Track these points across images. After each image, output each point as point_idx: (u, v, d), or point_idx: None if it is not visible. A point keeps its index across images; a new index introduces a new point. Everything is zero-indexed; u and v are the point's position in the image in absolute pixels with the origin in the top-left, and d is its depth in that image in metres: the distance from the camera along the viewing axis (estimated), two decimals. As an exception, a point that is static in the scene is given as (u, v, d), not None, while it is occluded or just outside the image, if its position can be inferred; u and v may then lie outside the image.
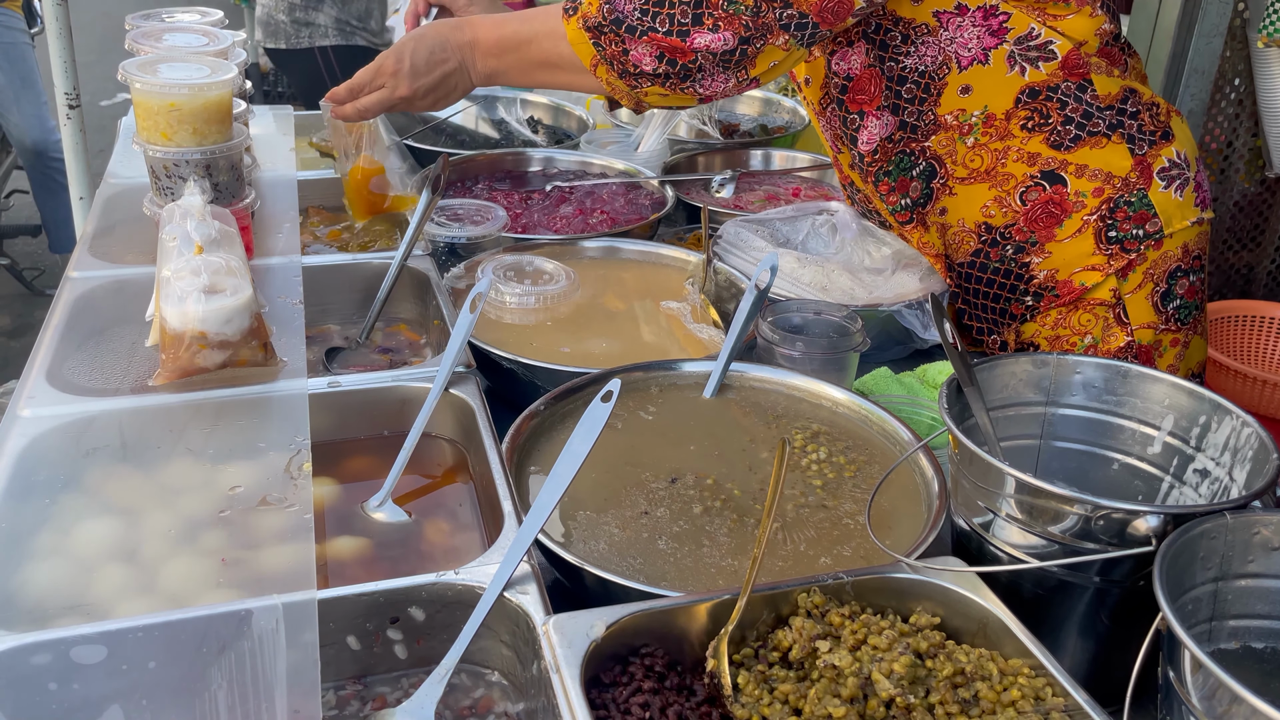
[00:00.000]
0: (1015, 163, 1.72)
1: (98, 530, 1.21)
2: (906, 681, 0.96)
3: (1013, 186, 1.73)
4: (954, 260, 1.83)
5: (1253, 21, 3.02)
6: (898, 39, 1.70)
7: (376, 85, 1.80)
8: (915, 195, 1.80)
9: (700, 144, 2.60)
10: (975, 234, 1.78)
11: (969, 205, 1.77)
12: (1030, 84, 1.68)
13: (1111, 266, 1.72)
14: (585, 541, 1.21)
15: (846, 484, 1.32)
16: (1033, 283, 1.77)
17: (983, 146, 1.73)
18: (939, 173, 1.77)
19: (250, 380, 1.42)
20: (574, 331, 1.68)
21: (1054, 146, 1.70)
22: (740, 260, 1.87)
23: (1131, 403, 1.25)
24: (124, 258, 1.75)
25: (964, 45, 1.67)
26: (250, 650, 1.01)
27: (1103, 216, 1.71)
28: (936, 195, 1.79)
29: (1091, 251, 1.72)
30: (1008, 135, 1.71)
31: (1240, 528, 1.01)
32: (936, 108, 1.72)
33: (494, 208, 1.99)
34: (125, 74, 1.62)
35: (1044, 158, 1.71)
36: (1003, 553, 1.12)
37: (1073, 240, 1.72)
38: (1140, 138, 1.71)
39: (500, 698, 1.09)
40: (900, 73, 1.72)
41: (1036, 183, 1.72)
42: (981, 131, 1.72)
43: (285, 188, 1.99)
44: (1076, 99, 1.68)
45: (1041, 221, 1.73)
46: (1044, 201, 1.72)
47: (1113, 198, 1.71)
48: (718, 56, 1.57)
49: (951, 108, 1.72)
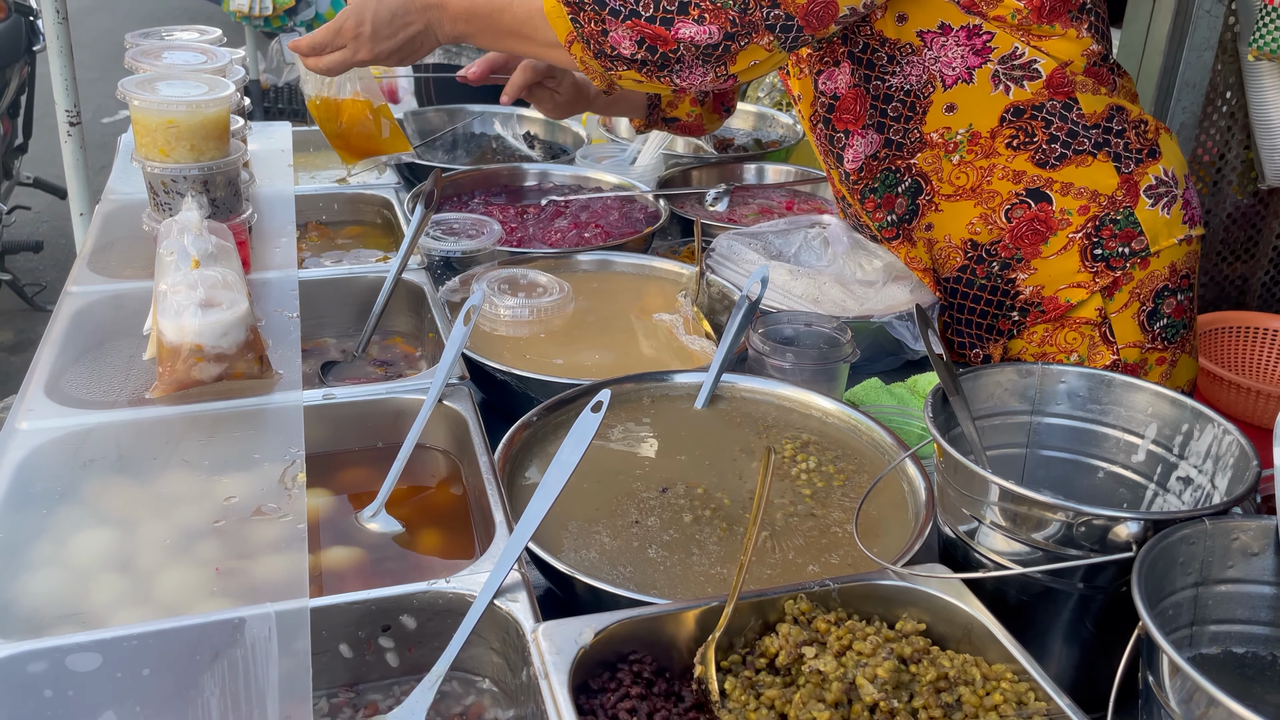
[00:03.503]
0: (1000, 180, 1.74)
1: (94, 540, 1.23)
2: (890, 686, 0.97)
3: (998, 204, 1.75)
4: (941, 275, 1.85)
5: (1243, 35, 3.05)
6: (883, 59, 1.72)
7: (337, 45, 1.77)
8: (901, 211, 1.82)
9: (695, 158, 2.62)
10: (962, 250, 1.80)
11: (955, 222, 1.79)
12: (1015, 103, 1.69)
13: (1097, 284, 1.73)
14: (576, 550, 1.22)
15: (835, 493, 1.33)
16: (1019, 299, 1.79)
17: (968, 164, 1.74)
18: (925, 189, 1.79)
19: (246, 393, 1.44)
20: (567, 344, 1.70)
21: (1039, 165, 1.71)
22: (733, 273, 1.89)
23: (1115, 411, 1.27)
24: (122, 272, 1.77)
25: (948, 64, 1.68)
26: (243, 658, 1.02)
27: (1088, 234, 1.72)
28: (922, 211, 1.81)
29: (1077, 269, 1.73)
30: (993, 153, 1.73)
31: (1219, 533, 1.02)
32: (922, 126, 1.74)
33: (489, 222, 2.01)
34: (124, 91, 1.65)
35: (1029, 175, 1.72)
36: (988, 560, 1.13)
37: (1058, 257, 1.74)
38: (1127, 156, 1.72)
39: (491, 705, 1.10)
40: (886, 91, 1.74)
41: (1022, 200, 1.73)
42: (967, 149, 1.73)
43: (283, 203, 2.01)
44: (1062, 117, 1.70)
45: (1027, 239, 1.74)
46: (1029, 219, 1.73)
47: (1098, 215, 1.72)
48: (700, 49, 1.56)
49: (937, 126, 1.73)
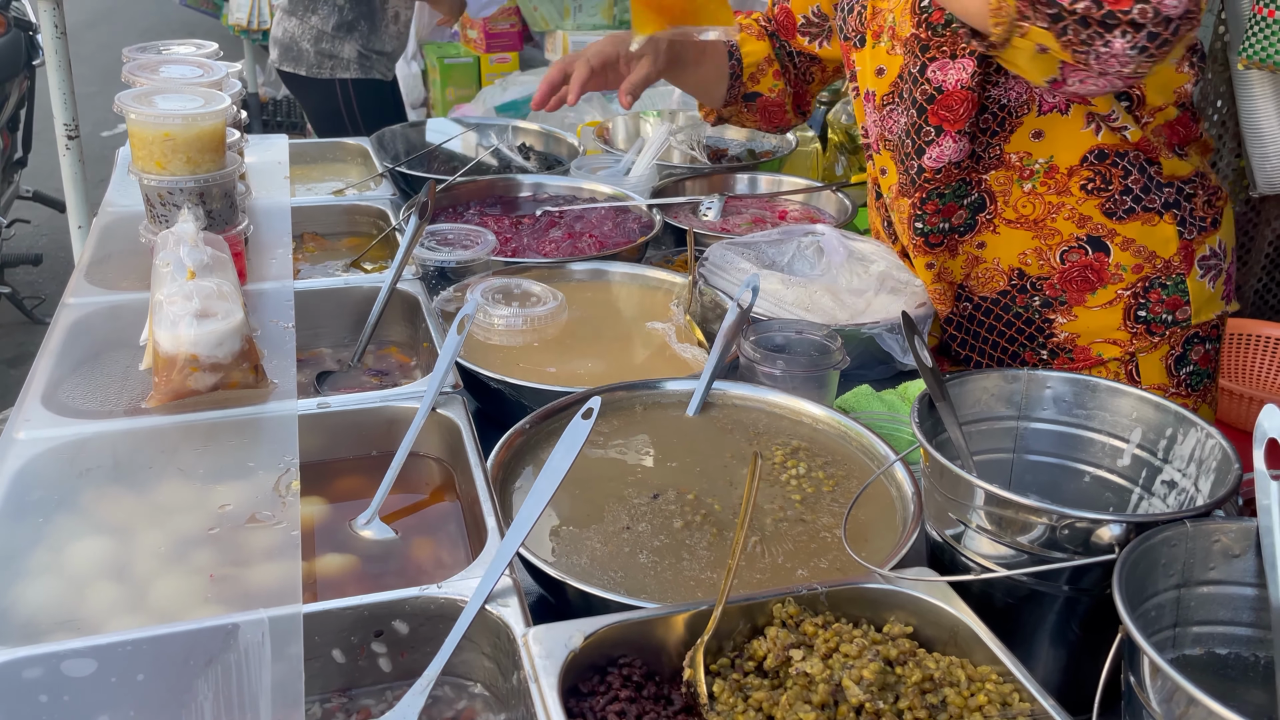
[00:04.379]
0: (1065, 220, 1.71)
1: (90, 548, 1.24)
2: (876, 688, 0.98)
3: (1056, 243, 1.72)
4: (973, 292, 1.82)
5: (1233, 44, 3.06)
6: (1002, 68, 1.64)
7: None
8: (958, 223, 1.78)
9: (688, 169, 2.64)
10: (1007, 276, 1.77)
11: (1008, 248, 1.76)
12: (1101, 145, 1.67)
13: (1133, 345, 1.70)
14: (568, 556, 1.23)
15: (825, 498, 1.34)
16: (1051, 339, 1.77)
17: (1038, 195, 1.71)
18: (988, 208, 1.75)
19: (241, 402, 1.45)
20: (561, 352, 1.71)
21: (1107, 214, 1.69)
22: (726, 282, 1.90)
23: (1101, 416, 1.28)
24: (119, 284, 1.78)
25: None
26: (237, 663, 1.04)
27: (1136, 294, 1.70)
28: (980, 229, 1.77)
29: (1117, 325, 1.71)
30: (1065, 192, 1.70)
31: (1200, 535, 1.03)
32: (1005, 144, 1.70)
33: (483, 232, 2.03)
34: (121, 105, 1.66)
35: (1094, 222, 1.70)
36: (974, 563, 1.14)
37: (1102, 310, 1.72)
38: (1192, 222, 1.70)
39: (483, 709, 1.11)
40: (984, 100, 1.69)
41: (1080, 245, 1.71)
42: (1041, 180, 1.70)
43: (279, 214, 2.03)
44: (1141, 170, 1.67)
45: (1075, 284, 1.72)
46: (1083, 265, 1.71)
47: (1150, 277, 1.69)
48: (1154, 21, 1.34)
49: (1019, 149, 1.70)
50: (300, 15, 3.91)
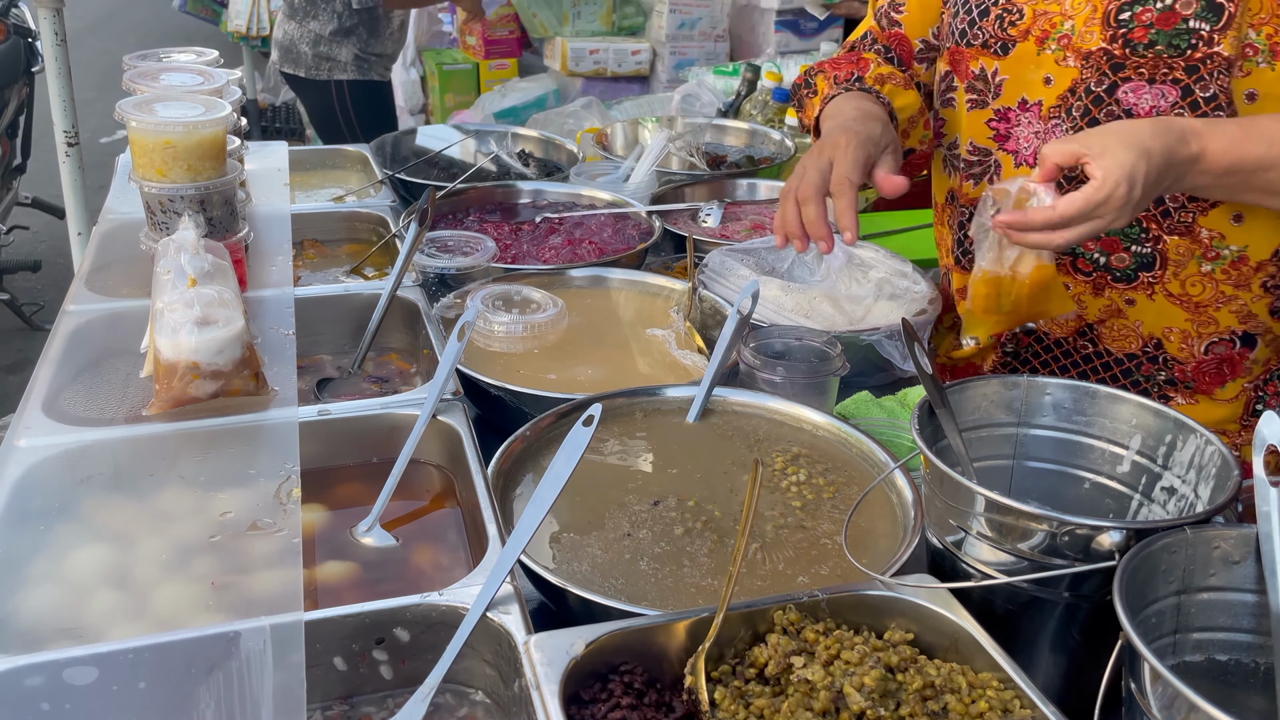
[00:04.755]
0: (1229, 314, 1.53)
1: (91, 556, 1.24)
2: (877, 695, 0.99)
3: (1209, 333, 1.55)
4: (1100, 338, 1.61)
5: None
6: (1212, 107, 1.40)
7: (1096, 215, 1.28)
8: (1117, 266, 1.55)
9: (688, 175, 2.64)
10: (1141, 341, 1.59)
11: (1157, 319, 1.56)
12: None
13: (1242, 437, 1.60)
14: (569, 563, 1.23)
15: (825, 505, 1.34)
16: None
17: (1214, 281, 1.51)
18: (1153, 270, 1.53)
19: (242, 409, 1.45)
20: (561, 359, 1.71)
21: (1272, 312, 1.52)
22: (725, 288, 1.91)
23: (1100, 423, 1.28)
24: (120, 291, 1.79)
25: None
26: (238, 671, 1.04)
27: (1258, 386, 1.58)
28: (1137, 286, 1.55)
29: (1236, 418, 1.59)
30: (1244, 286, 1.50)
31: (1200, 542, 1.04)
32: (1200, 215, 1.47)
33: (483, 239, 2.03)
34: (122, 112, 1.67)
35: (1257, 320, 1.53)
36: (975, 570, 1.14)
37: (1225, 404, 1.59)
38: None
39: (484, 716, 1.12)
40: None
41: (1230, 339, 1.55)
42: (1223, 269, 1.50)
43: (279, 222, 2.03)
44: None
45: (1210, 376, 1.57)
46: (1224, 359, 1.56)
47: (1274, 369, 1.58)
48: None
49: (1214, 227, 1.48)
50: (300, 20, 3.99)
